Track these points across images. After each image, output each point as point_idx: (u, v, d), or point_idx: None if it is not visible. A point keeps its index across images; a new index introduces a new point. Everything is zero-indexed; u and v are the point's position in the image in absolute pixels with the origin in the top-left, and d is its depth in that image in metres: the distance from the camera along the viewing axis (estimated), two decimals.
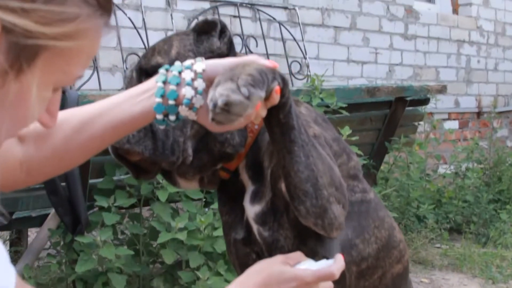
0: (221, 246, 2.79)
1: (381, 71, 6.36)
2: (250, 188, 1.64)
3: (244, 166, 1.60)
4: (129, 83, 1.49)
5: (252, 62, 1.25)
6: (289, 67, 5.34)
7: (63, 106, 2.27)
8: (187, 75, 1.16)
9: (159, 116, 1.18)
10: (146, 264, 2.87)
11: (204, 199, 3.03)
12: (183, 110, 1.16)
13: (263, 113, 1.26)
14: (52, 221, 2.83)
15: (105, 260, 2.60)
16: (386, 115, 4.24)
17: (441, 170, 5.83)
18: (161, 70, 1.19)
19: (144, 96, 1.19)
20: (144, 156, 1.47)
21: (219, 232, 2.77)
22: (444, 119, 6.96)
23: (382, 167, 4.68)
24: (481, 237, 4.78)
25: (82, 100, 2.43)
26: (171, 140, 1.50)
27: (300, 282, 1.27)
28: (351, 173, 1.79)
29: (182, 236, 2.66)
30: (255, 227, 1.65)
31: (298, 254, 1.37)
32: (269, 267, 1.29)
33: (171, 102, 1.15)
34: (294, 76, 5.36)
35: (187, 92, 1.15)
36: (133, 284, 2.82)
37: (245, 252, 1.75)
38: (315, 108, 2.71)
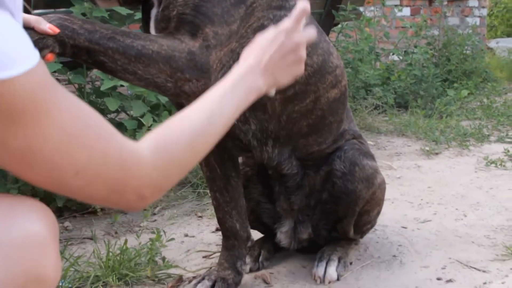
0: (165, 97, 2.81)
1: None
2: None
3: None
4: None
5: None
6: None
7: None
8: None
9: None
10: None
11: None
12: None
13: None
14: None
15: None
16: None
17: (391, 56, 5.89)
18: None
19: None
20: None
21: None
22: (396, 5, 6.96)
23: (329, 38, 4.71)
24: (428, 110, 4.90)
25: None
26: None
27: (283, 32, 1.38)
28: (274, 5, 1.78)
29: (125, 83, 2.68)
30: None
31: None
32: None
33: None
34: None
35: None
36: None
37: None
38: None
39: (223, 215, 2.03)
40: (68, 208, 2.76)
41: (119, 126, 2.87)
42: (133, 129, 2.71)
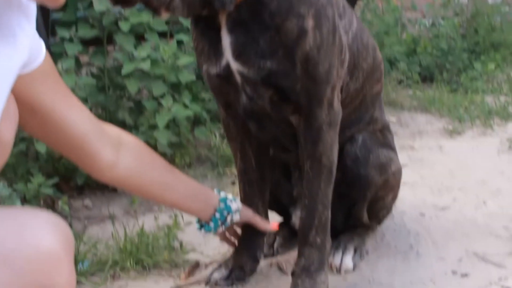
0: (186, 77, 2.80)
1: None
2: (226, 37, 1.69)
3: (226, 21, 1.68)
4: None
5: None
6: None
7: None
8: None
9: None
10: (111, 97, 2.89)
11: (169, 32, 3.02)
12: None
13: None
14: None
15: None
16: None
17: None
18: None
19: (203, 207, 1.83)
20: None
21: (184, 62, 2.78)
22: None
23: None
24: (453, 84, 4.82)
25: None
26: None
27: None
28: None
29: (145, 65, 2.67)
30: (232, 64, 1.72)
31: None
32: None
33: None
34: None
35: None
36: (100, 117, 2.85)
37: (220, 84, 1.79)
38: None
39: (249, 206, 2.03)
40: (88, 186, 2.79)
41: (139, 106, 2.88)
42: (153, 110, 2.71)
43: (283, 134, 1.89)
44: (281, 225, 2.29)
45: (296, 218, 2.16)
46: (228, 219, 1.85)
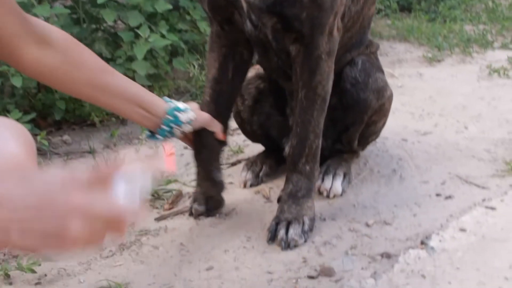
0: (162, 7, 2.73)
1: None
2: None
3: None
4: None
5: None
6: None
7: None
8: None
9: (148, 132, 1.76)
10: (87, 30, 2.81)
11: None
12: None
13: None
14: None
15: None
16: None
17: None
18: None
19: (147, 115, 1.66)
20: None
21: None
22: None
23: None
24: (431, 13, 4.78)
25: None
26: None
27: (61, 180, 0.79)
28: None
29: None
30: None
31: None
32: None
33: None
34: None
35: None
36: None
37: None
38: None
39: (214, 113, 1.91)
40: (66, 121, 2.74)
41: (115, 38, 2.81)
42: (130, 41, 2.65)
43: (284, 63, 1.86)
44: (266, 154, 2.28)
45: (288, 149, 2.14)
46: (177, 131, 1.73)
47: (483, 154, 2.37)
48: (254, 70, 2.13)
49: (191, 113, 1.76)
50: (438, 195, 2.07)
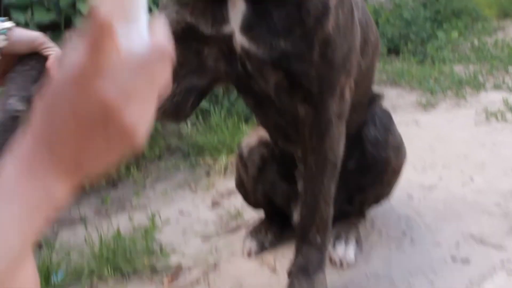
0: None
1: None
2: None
3: None
4: None
5: None
6: None
7: None
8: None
9: None
10: None
11: None
12: None
13: None
14: None
15: None
16: None
17: None
18: None
19: None
20: None
21: None
22: None
23: None
24: (419, 55, 4.74)
25: None
26: None
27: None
28: None
29: None
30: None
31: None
32: None
33: None
34: None
35: None
36: None
37: None
38: None
39: None
40: None
41: None
42: None
43: (288, 124, 1.71)
44: (270, 220, 2.14)
45: (297, 216, 2.01)
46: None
47: (493, 209, 2.27)
48: (257, 136, 2.00)
49: (6, 23, 1.33)
50: (453, 258, 1.95)
